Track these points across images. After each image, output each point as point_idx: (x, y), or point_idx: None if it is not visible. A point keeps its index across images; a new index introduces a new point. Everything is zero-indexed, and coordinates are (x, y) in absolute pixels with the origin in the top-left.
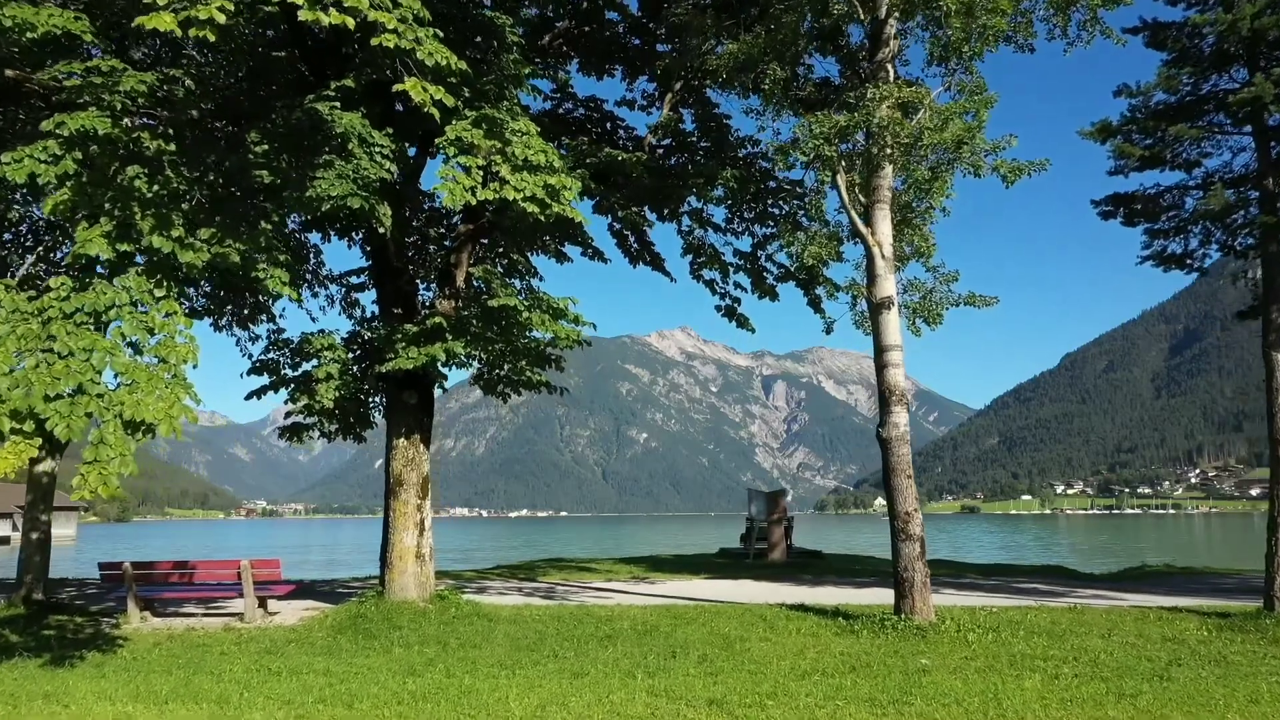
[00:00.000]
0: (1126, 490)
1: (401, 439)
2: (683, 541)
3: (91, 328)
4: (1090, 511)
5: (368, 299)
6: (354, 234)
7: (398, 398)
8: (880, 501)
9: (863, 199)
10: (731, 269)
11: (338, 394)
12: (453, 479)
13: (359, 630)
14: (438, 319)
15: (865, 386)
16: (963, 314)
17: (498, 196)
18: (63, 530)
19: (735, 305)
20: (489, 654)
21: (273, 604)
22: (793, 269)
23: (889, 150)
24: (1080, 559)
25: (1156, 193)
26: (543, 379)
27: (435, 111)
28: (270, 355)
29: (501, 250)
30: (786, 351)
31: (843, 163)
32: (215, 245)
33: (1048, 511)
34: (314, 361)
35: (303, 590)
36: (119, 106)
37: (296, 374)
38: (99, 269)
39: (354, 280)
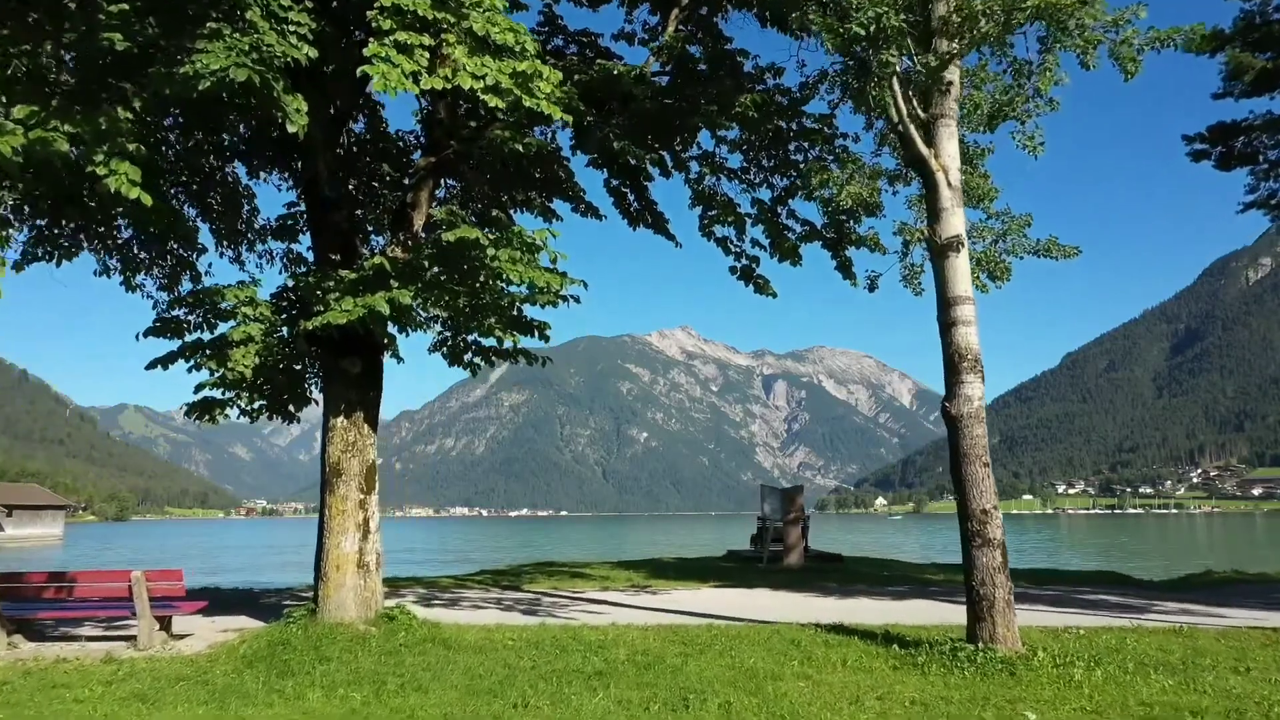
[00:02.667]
0: (1128, 490)
1: (340, 418)
2: (685, 542)
3: None
4: (1092, 511)
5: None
6: (278, 167)
7: (336, 366)
8: (881, 501)
9: (922, 112)
10: (749, 221)
11: (258, 361)
12: (453, 478)
13: (274, 664)
14: (379, 260)
15: (865, 386)
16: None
17: (450, 85)
18: (48, 530)
19: (753, 266)
20: (435, 701)
21: (190, 622)
22: (821, 225)
23: (984, 17)
24: (1115, 562)
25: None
26: (515, 344)
27: None
28: (175, 313)
29: (474, 196)
30: (787, 351)
31: (902, 56)
32: (36, 129)
33: (1049, 511)
34: (231, 322)
35: (246, 601)
36: None
37: (213, 338)
38: None
39: (290, 226)
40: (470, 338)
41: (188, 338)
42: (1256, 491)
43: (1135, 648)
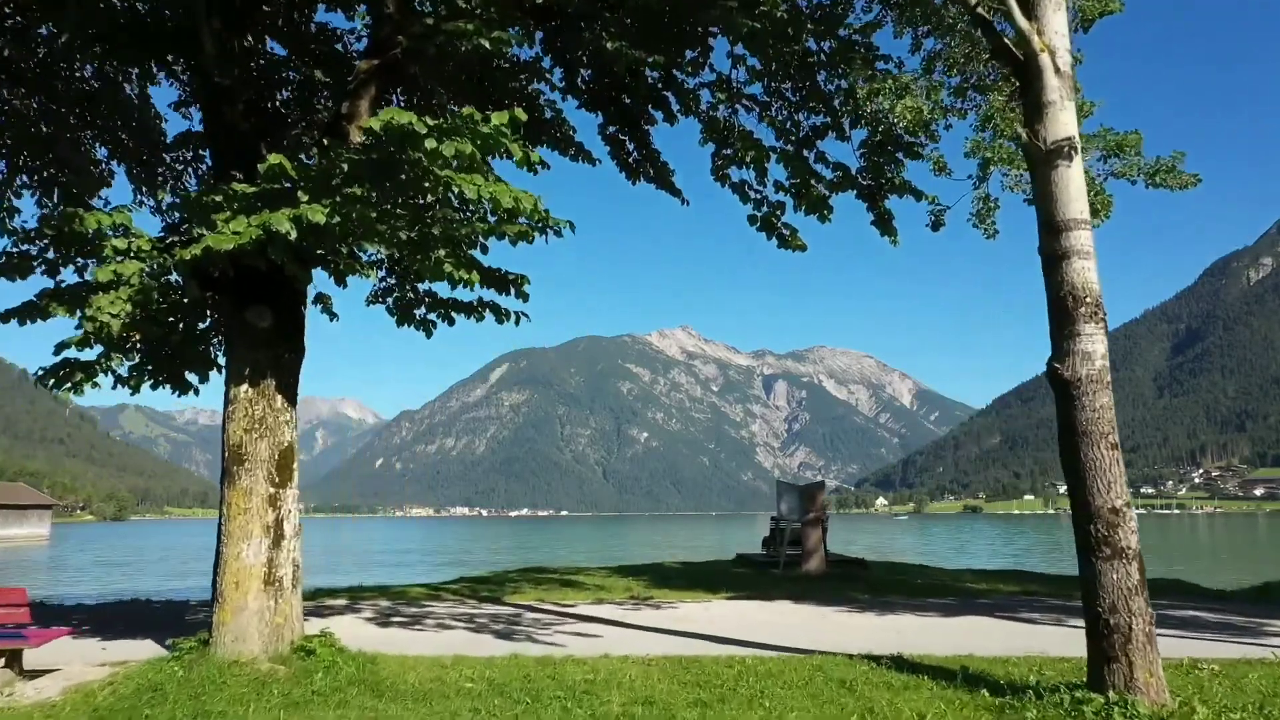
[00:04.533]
0: (1129, 490)
1: (244, 387)
2: (688, 544)
3: None
4: None
5: None
6: (151, 55)
7: (239, 318)
8: (882, 501)
9: None
10: (773, 156)
11: (132, 310)
12: (453, 478)
13: None
14: (277, 160)
15: (866, 386)
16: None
17: None
18: (34, 530)
19: (775, 215)
20: None
21: (65, 651)
22: (857, 169)
23: None
24: (1157, 566)
25: None
26: (472, 282)
27: None
28: (24, 249)
29: (430, 110)
30: (787, 351)
31: None
32: None
33: (1051, 511)
34: (105, 260)
35: (172, 617)
36: None
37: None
38: None
39: (191, 135)
40: (423, 287)
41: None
42: (1258, 492)
43: None
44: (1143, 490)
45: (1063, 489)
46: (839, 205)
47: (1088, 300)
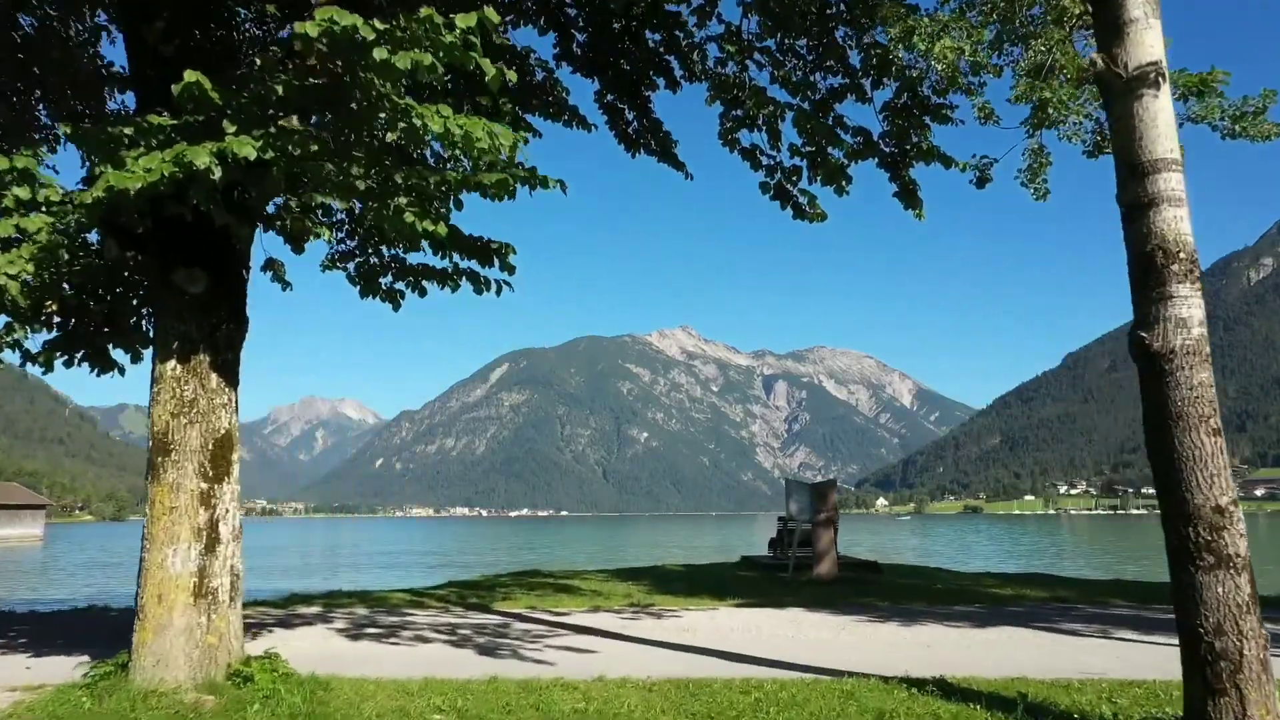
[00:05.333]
0: (1130, 491)
1: (172, 364)
2: (690, 544)
3: None
4: (1095, 512)
5: None
6: None
7: (166, 283)
8: (882, 501)
9: None
10: (789, 112)
11: (36, 271)
12: (453, 478)
13: None
14: (194, 78)
15: (866, 386)
16: (961, 312)
17: None
18: (27, 530)
19: (789, 183)
20: None
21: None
22: (879, 134)
23: None
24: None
25: None
26: (439, 230)
27: None
28: None
29: None
30: (787, 351)
31: None
32: None
33: (1051, 512)
34: (4, 213)
35: (121, 627)
36: None
37: None
38: None
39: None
40: (389, 252)
41: None
42: (1259, 492)
43: None
44: (1144, 491)
45: (1063, 489)
46: (855, 182)
47: (1181, 256)
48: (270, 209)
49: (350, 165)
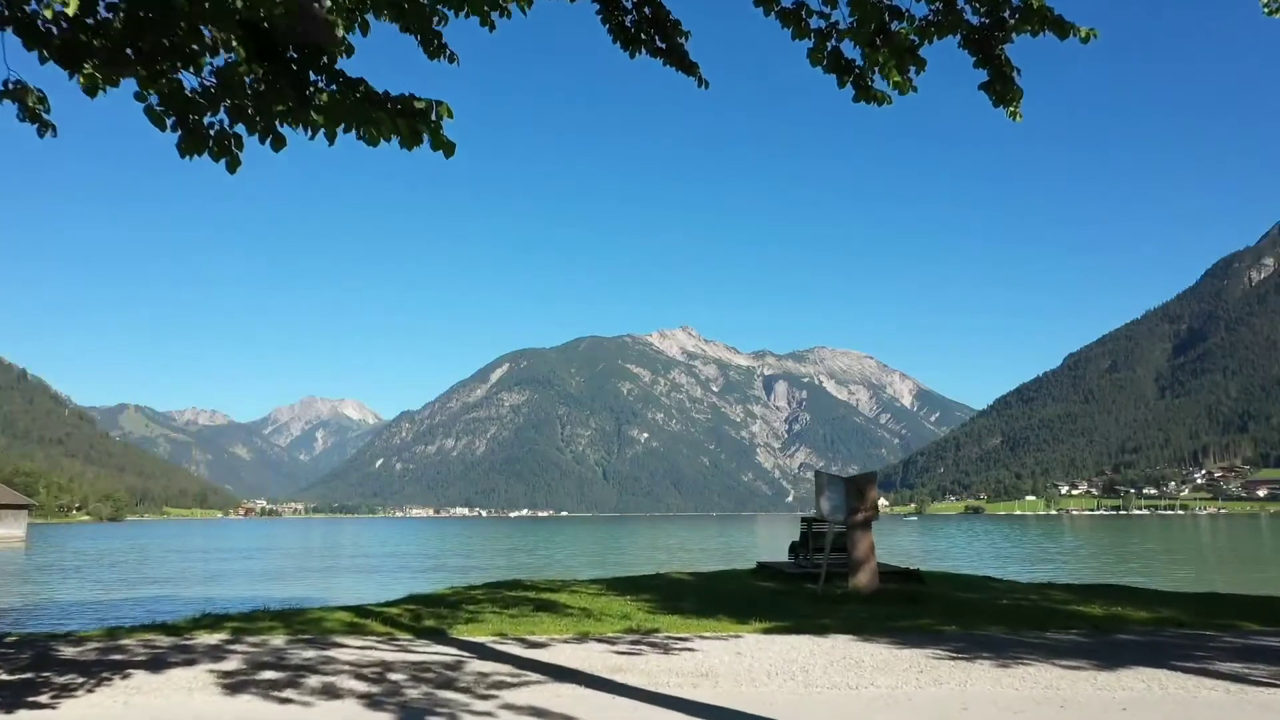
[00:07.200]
0: (1131, 491)
1: None
2: (694, 546)
3: None
4: (1096, 512)
5: None
6: None
7: None
8: (883, 501)
9: None
10: None
11: None
12: (453, 478)
13: None
14: None
15: (866, 387)
16: (962, 312)
17: None
18: (9, 531)
19: (843, 48)
20: None
21: None
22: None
23: None
24: (1207, 574)
25: None
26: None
27: None
28: None
29: None
30: (788, 351)
31: None
32: None
33: (1053, 512)
34: None
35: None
36: None
37: None
38: None
39: None
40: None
41: None
42: (1261, 493)
43: None
44: (1145, 491)
45: (1064, 490)
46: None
47: None
48: None
49: None
